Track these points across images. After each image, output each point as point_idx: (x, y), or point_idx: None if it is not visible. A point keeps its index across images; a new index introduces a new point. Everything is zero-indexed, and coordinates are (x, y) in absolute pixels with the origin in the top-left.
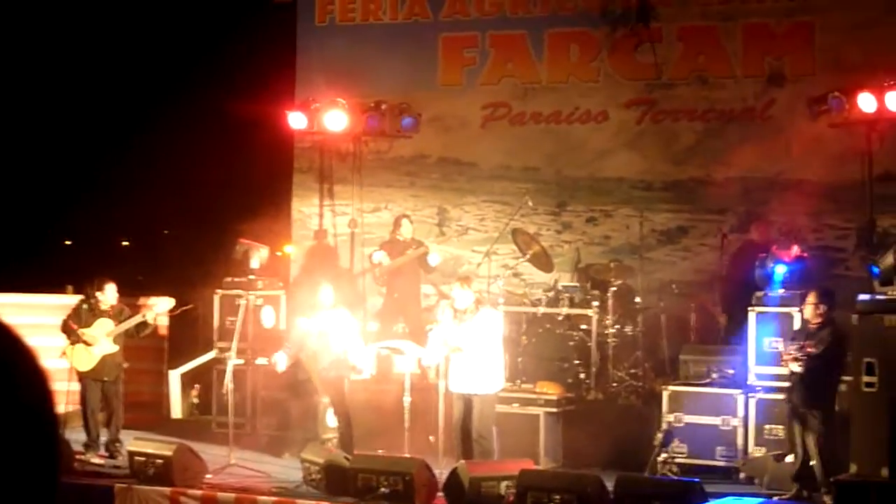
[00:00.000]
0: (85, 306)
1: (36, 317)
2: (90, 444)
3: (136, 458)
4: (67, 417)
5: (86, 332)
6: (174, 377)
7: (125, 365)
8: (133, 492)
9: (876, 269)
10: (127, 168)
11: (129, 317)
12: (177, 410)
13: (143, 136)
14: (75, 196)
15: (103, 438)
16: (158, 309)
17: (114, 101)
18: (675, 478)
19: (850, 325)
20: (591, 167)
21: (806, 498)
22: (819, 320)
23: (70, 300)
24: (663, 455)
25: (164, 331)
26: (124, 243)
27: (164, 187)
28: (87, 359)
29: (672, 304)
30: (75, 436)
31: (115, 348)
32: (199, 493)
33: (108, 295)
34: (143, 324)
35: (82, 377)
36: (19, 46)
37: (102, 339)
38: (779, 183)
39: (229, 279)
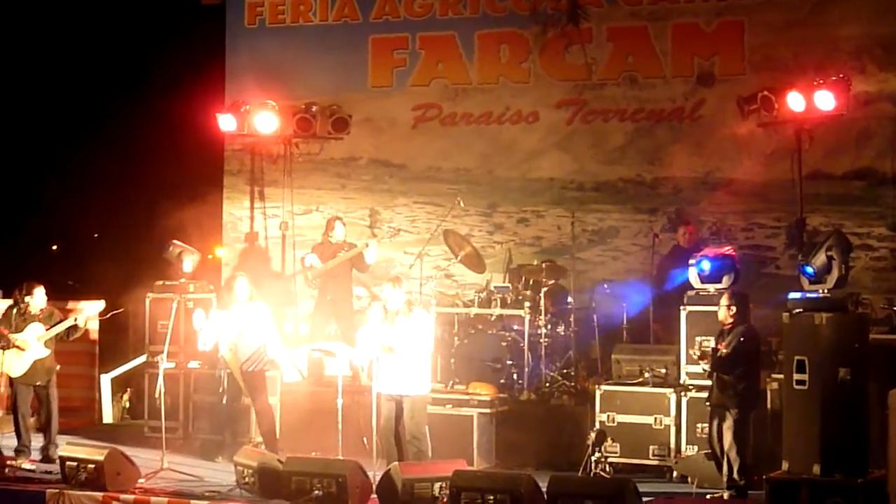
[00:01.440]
0: (14, 311)
1: None
2: (21, 450)
3: (68, 463)
4: None
5: (17, 337)
6: (105, 381)
7: (57, 368)
8: (65, 497)
9: (809, 270)
10: (55, 171)
11: (60, 321)
12: (108, 415)
13: (71, 139)
14: (2, 200)
15: (36, 444)
16: (89, 312)
17: (40, 104)
18: (609, 477)
19: (781, 323)
20: (522, 168)
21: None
22: (731, 321)
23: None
24: (596, 454)
25: (94, 335)
26: (53, 247)
27: (94, 190)
28: (18, 364)
29: (604, 303)
30: (6, 441)
31: (46, 352)
32: (131, 497)
33: (38, 299)
34: (74, 327)
35: (14, 382)
36: None
37: (34, 343)
38: (709, 182)
39: (160, 282)
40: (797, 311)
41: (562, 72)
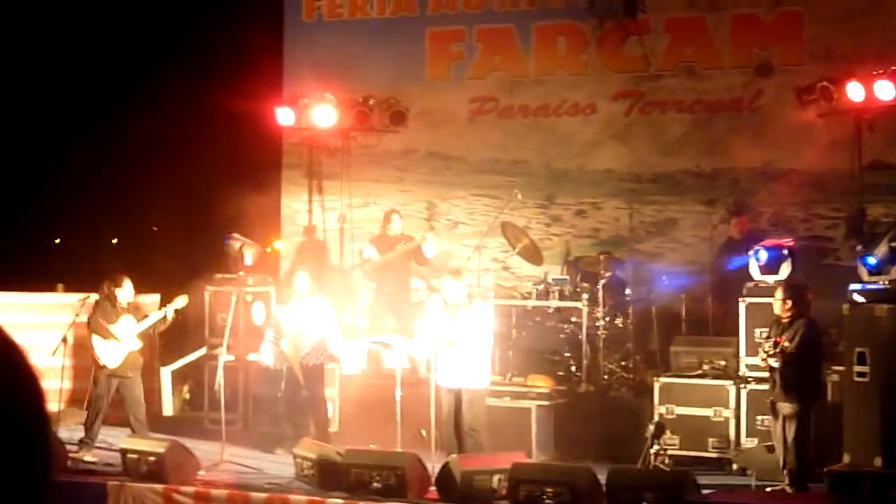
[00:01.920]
0: (107, 303)
1: (27, 315)
2: (86, 442)
3: (129, 455)
4: (61, 415)
5: (113, 329)
6: (166, 374)
7: (141, 361)
8: (126, 489)
9: (870, 261)
10: (115, 164)
11: (146, 314)
12: (168, 407)
13: (131, 132)
14: (63, 193)
15: (110, 438)
16: (176, 305)
17: (102, 97)
18: (667, 469)
19: (841, 315)
20: (580, 160)
21: (793, 490)
22: (788, 314)
23: (61, 298)
24: (655, 447)
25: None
26: (113, 241)
27: (153, 183)
28: (114, 355)
29: (662, 295)
30: (69, 434)
31: (139, 345)
32: (192, 490)
33: (126, 291)
34: (163, 319)
35: (100, 374)
36: None
37: (127, 335)
38: (767, 173)
39: (219, 275)
40: (857, 302)
41: (619, 63)
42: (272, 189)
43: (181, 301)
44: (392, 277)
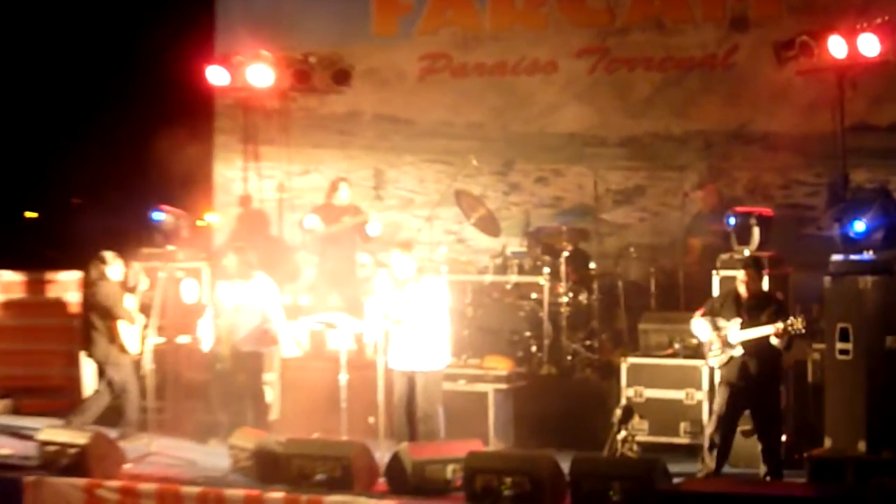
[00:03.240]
0: (113, 284)
1: None
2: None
3: (48, 447)
4: None
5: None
6: (84, 358)
7: None
8: (44, 485)
9: (857, 230)
10: (31, 132)
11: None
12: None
13: (47, 97)
14: None
15: None
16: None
17: (14, 59)
18: (636, 457)
19: (822, 288)
20: (540, 122)
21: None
22: (754, 292)
23: None
24: (623, 433)
25: (74, 308)
26: (30, 215)
27: (72, 153)
28: (136, 339)
29: (630, 269)
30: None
31: (143, 321)
32: (117, 484)
33: (116, 269)
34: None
35: (124, 359)
36: None
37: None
38: (743, 136)
39: (146, 251)
40: (840, 274)
41: (582, 17)
42: (204, 155)
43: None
44: (337, 251)
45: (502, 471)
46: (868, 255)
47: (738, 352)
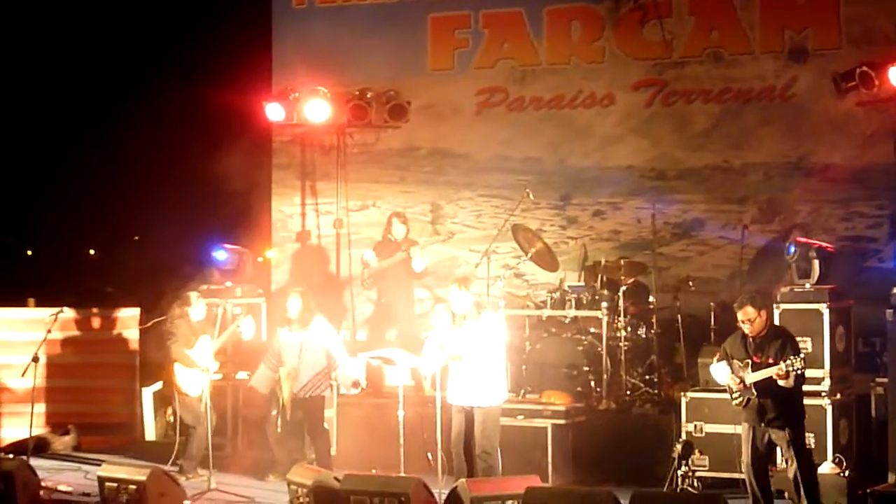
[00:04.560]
0: (184, 326)
1: None
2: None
3: (107, 483)
4: (31, 441)
5: (194, 355)
6: (147, 395)
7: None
8: None
9: None
10: (90, 169)
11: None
12: (151, 431)
13: (106, 133)
14: (35, 201)
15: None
16: (244, 320)
17: (74, 96)
18: (697, 492)
19: (885, 321)
20: (598, 155)
21: None
22: (761, 329)
23: (32, 314)
24: (683, 468)
25: (134, 345)
26: (90, 252)
27: (131, 190)
28: (198, 383)
29: (689, 302)
30: (41, 462)
31: (216, 366)
32: None
33: (199, 309)
34: (234, 333)
35: (185, 399)
36: None
37: (207, 358)
38: (803, 168)
39: (205, 287)
40: None
41: (639, 50)
42: (262, 192)
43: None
44: (391, 286)
45: None
46: None
47: (755, 392)
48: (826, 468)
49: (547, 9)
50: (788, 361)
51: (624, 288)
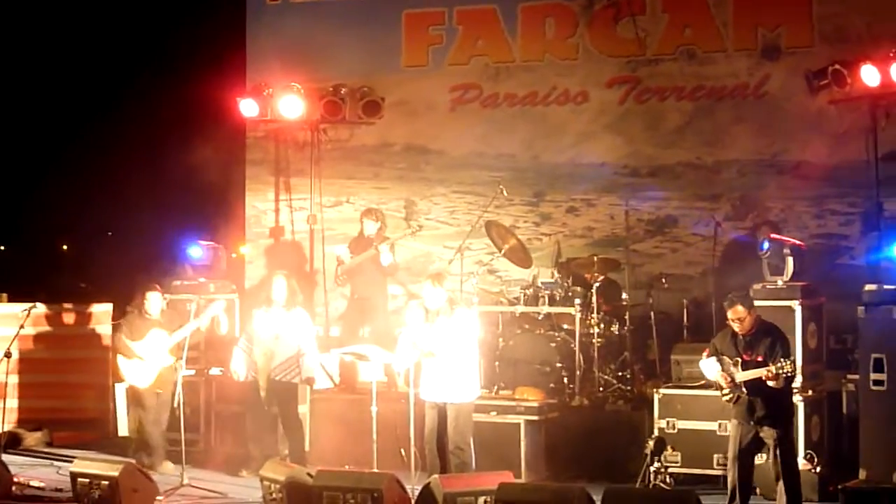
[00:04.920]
0: (136, 317)
1: None
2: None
3: (80, 479)
4: (5, 438)
5: (137, 346)
6: (120, 390)
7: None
8: None
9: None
10: (64, 164)
11: (180, 325)
12: (124, 427)
13: (80, 128)
14: (7, 197)
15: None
16: (211, 312)
17: (47, 93)
18: (670, 488)
19: (857, 318)
20: (571, 152)
21: None
22: (752, 327)
23: (4, 309)
24: (655, 464)
25: (107, 340)
26: (63, 247)
27: (105, 185)
28: (143, 374)
29: (662, 299)
30: (12, 458)
31: (171, 360)
32: None
33: (153, 303)
34: (198, 331)
35: (138, 392)
36: None
37: (156, 352)
38: (776, 165)
39: (178, 282)
40: (874, 304)
41: (612, 47)
42: (235, 187)
43: (217, 307)
44: (364, 282)
45: (534, 503)
46: None
47: (744, 390)
48: (798, 464)
49: (521, 5)
50: (779, 364)
51: (597, 284)
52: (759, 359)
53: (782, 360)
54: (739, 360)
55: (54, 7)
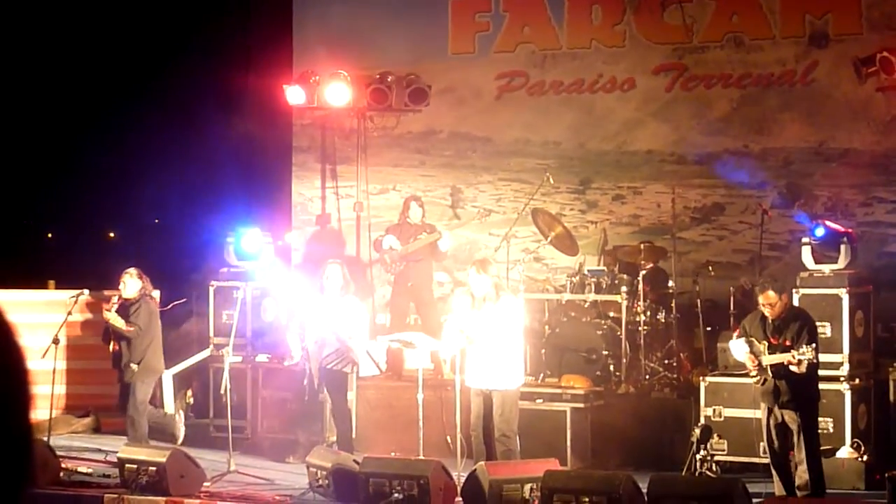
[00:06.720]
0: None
1: (15, 315)
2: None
3: (127, 465)
4: (53, 423)
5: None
6: (167, 378)
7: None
8: (124, 502)
9: None
10: (110, 151)
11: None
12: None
13: (126, 114)
14: (54, 184)
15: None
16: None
17: (94, 80)
18: (715, 476)
19: None
20: (618, 140)
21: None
22: (781, 311)
23: (52, 296)
24: (701, 452)
25: None
26: (110, 235)
27: (151, 173)
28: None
29: (708, 287)
30: (61, 442)
31: None
32: (196, 502)
33: (131, 286)
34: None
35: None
36: None
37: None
38: (823, 153)
39: (225, 269)
40: None
41: (659, 34)
42: (282, 175)
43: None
44: (414, 270)
45: (580, 490)
46: None
47: (770, 374)
48: (844, 453)
49: None
50: (802, 350)
51: (643, 272)
52: (787, 343)
53: (805, 346)
54: (766, 343)
55: None
